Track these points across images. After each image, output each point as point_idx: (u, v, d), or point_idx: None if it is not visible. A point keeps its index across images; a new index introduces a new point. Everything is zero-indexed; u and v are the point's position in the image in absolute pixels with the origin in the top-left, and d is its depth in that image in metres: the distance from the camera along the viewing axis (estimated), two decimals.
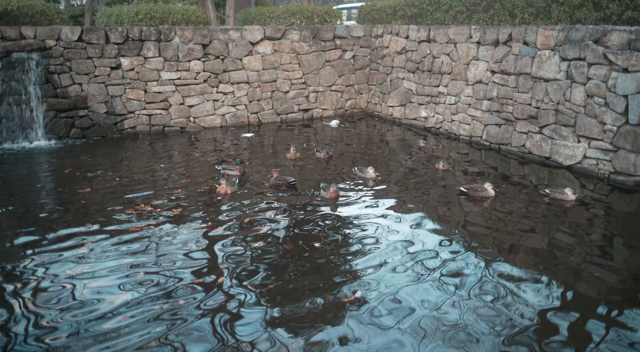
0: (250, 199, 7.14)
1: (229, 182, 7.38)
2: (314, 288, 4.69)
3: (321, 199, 7.04)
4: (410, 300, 4.47)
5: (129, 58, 11.11)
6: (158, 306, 4.40)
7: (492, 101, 9.92)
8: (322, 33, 12.91)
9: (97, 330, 4.08)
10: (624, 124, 7.55)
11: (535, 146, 8.99)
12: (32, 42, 10.27)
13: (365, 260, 5.26)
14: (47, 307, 4.40)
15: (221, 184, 7.31)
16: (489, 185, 7.10)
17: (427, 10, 12.68)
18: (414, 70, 12.01)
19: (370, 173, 7.97)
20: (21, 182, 7.87)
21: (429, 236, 5.87)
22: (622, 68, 7.48)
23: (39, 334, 4.04)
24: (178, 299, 4.52)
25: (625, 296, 4.64)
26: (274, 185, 7.63)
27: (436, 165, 8.59)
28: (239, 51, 12.08)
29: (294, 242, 5.71)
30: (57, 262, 5.19)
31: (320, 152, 9.27)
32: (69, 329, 4.08)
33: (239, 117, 12.41)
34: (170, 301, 4.48)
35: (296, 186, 7.58)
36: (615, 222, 6.38)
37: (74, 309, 4.36)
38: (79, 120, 10.84)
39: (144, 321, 4.18)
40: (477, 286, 4.71)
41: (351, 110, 13.75)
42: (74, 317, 4.24)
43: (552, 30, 8.58)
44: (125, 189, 7.54)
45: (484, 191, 7.08)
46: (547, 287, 4.72)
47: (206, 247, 5.58)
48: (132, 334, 4.02)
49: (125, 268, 5.08)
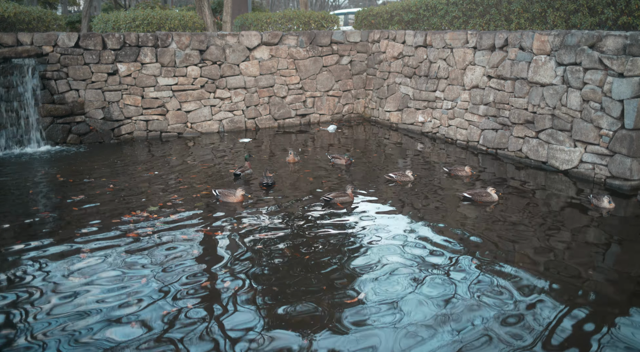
0: (246, 201, 7.13)
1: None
2: (315, 290, 4.69)
3: (334, 198, 7.05)
4: (411, 302, 4.47)
5: (126, 64, 11.12)
6: (161, 310, 4.39)
7: (489, 106, 9.95)
8: (319, 38, 12.94)
9: (100, 338, 4.06)
10: (619, 129, 7.57)
11: (532, 151, 9.01)
12: (29, 49, 10.28)
13: (366, 261, 5.25)
14: (48, 310, 4.38)
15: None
16: (492, 190, 7.13)
17: (423, 15, 12.73)
18: (411, 75, 12.04)
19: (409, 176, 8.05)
20: (17, 188, 7.84)
21: (430, 239, 5.87)
22: (618, 73, 7.51)
23: (32, 345, 4.02)
24: (178, 302, 4.51)
25: (622, 298, 4.64)
26: (260, 183, 7.94)
27: (460, 173, 8.26)
28: (236, 57, 12.10)
29: (294, 245, 5.70)
30: (53, 268, 5.17)
31: (340, 158, 9.10)
32: (67, 339, 4.07)
33: (236, 123, 12.42)
34: (170, 303, 4.46)
35: (272, 187, 7.80)
36: (611, 226, 6.39)
37: (72, 315, 4.35)
38: (76, 126, 10.84)
39: (146, 323, 4.17)
40: (476, 284, 4.71)
41: (348, 115, 13.77)
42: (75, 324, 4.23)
43: (548, 36, 8.62)
44: (122, 195, 7.52)
45: (488, 196, 7.09)
46: (543, 288, 4.72)
47: (204, 251, 5.57)
48: (135, 335, 4.01)
49: (122, 274, 5.07)
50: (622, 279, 5.01)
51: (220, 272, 5.13)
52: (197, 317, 4.33)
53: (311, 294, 4.68)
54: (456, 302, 4.53)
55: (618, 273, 5.14)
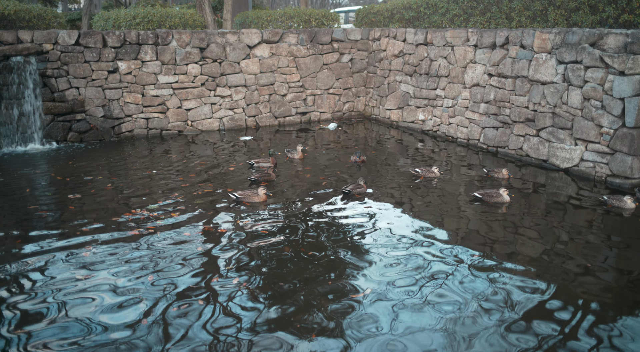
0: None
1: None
2: (317, 287, 4.69)
3: (352, 190, 7.33)
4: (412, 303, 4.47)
5: (127, 62, 11.11)
6: (162, 309, 4.39)
7: (490, 104, 9.94)
8: (319, 36, 12.92)
9: (104, 339, 4.07)
10: (620, 127, 7.56)
11: (533, 149, 9.00)
12: (29, 46, 10.27)
13: (367, 259, 5.25)
14: (49, 309, 4.39)
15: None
16: (504, 190, 7.00)
17: (424, 13, 12.71)
18: (412, 73, 12.03)
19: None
20: (18, 186, 7.84)
21: (431, 238, 5.87)
22: (619, 71, 7.49)
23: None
24: (180, 300, 4.51)
25: (622, 296, 4.64)
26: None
27: (497, 174, 8.09)
28: (236, 55, 12.09)
29: (294, 243, 5.70)
30: (54, 266, 5.17)
31: (354, 156, 9.25)
32: (74, 337, 4.07)
33: (237, 121, 12.41)
34: (172, 302, 4.47)
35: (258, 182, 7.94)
36: (612, 224, 6.38)
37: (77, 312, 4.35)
38: (76, 124, 10.83)
39: (147, 322, 4.18)
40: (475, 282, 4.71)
41: (349, 113, 13.75)
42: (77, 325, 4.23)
43: (549, 34, 8.60)
44: (122, 194, 7.52)
45: (499, 197, 6.97)
46: (544, 288, 4.72)
47: (204, 249, 5.57)
48: (137, 334, 4.01)
49: (123, 272, 5.07)
50: (622, 276, 5.01)
51: (221, 270, 5.13)
52: (197, 315, 4.33)
53: (312, 293, 4.68)
54: (455, 302, 4.53)
55: (620, 272, 5.14)
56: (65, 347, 3.92)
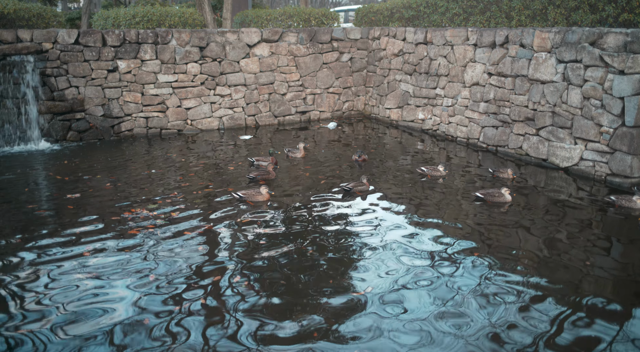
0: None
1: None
2: (319, 284, 4.69)
3: (353, 187, 7.37)
4: (413, 302, 4.47)
5: (126, 61, 11.10)
6: (161, 308, 4.40)
7: (489, 103, 9.94)
8: (319, 35, 12.92)
9: (104, 340, 4.07)
10: (620, 126, 7.57)
11: (532, 148, 9.00)
12: (29, 45, 10.26)
13: (369, 258, 5.26)
14: (54, 306, 4.39)
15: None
16: (505, 190, 6.99)
17: (424, 12, 12.71)
18: (411, 72, 12.03)
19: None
20: (17, 185, 7.84)
21: (432, 237, 5.87)
22: (619, 70, 7.49)
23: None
24: (180, 300, 4.51)
25: (623, 294, 4.64)
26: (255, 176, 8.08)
27: (502, 174, 8.07)
28: (236, 54, 12.08)
29: (296, 242, 5.70)
30: (56, 267, 5.17)
31: (355, 154, 9.29)
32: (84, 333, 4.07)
33: (237, 120, 12.41)
34: (174, 301, 4.47)
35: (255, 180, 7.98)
36: (612, 223, 6.39)
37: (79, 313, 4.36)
38: (75, 123, 10.83)
39: (150, 322, 4.18)
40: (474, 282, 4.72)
41: (348, 112, 13.75)
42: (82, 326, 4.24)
43: (549, 33, 8.60)
44: (122, 193, 7.52)
45: (500, 197, 6.96)
46: (545, 287, 4.72)
47: (205, 249, 5.57)
48: (137, 334, 4.02)
49: (124, 272, 5.07)
50: (621, 274, 5.02)
51: (221, 269, 5.13)
52: (197, 314, 4.34)
53: (314, 292, 4.68)
54: (458, 299, 4.53)
55: (622, 271, 5.14)
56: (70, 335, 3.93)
